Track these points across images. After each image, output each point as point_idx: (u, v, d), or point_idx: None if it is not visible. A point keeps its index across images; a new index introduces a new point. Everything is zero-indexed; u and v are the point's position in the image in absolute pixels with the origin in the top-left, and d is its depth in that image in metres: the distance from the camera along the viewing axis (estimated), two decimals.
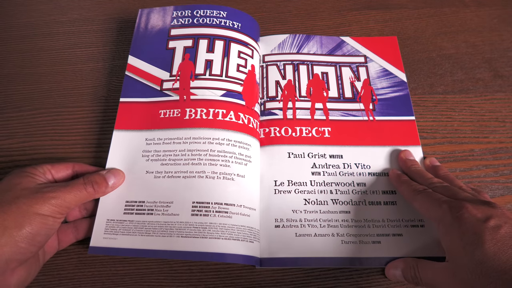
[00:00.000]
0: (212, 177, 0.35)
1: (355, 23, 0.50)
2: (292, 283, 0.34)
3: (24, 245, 0.27)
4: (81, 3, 0.51)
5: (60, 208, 0.29)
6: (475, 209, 0.28)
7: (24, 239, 0.27)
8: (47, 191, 0.29)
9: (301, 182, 0.37)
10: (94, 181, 0.32)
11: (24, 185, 0.29)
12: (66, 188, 0.30)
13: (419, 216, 0.36)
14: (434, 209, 0.30)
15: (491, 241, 0.26)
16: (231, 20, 0.43)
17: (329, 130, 0.40)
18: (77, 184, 0.31)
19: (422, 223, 0.36)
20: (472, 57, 0.48)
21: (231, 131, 0.37)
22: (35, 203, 0.28)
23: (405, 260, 0.33)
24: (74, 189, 0.30)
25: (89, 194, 0.32)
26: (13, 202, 0.28)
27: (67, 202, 0.30)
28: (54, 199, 0.29)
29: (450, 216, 0.29)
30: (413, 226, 0.35)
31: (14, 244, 0.27)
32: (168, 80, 0.40)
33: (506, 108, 0.44)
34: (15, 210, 0.27)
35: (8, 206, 0.28)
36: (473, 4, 0.53)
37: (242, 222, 0.34)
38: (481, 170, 0.40)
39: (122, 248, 0.33)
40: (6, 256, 0.26)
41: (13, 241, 0.27)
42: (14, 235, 0.27)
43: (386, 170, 0.38)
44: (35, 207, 0.28)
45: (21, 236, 0.27)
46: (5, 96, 0.43)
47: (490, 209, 0.28)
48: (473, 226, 0.27)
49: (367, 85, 0.44)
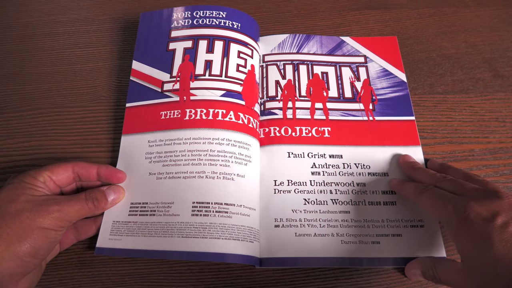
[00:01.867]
0: (212, 177, 0.35)
1: (355, 23, 0.50)
2: (292, 283, 0.34)
3: (28, 259, 0.28)
4: (81, 3, 0.51)
5: (62, 221, 0.29)
6: (480, 207, 0.27)
7: (28, 253, 0.27)
8: (50, 203, 0.29)
9: (300, 182, 0.37)
10: (95, 198, 0.32)
11: (27, 197, 0.29)
12: (69, 202, 0.30)
13: (419, 216, 0.36)
14: (439, 210, 0.30)
15: (500, 242, 0.25)
16: (230, 20, 0.43)
17: (329, 130, 0.40)
18: (79, 200, 0.31)
19: (422, 223, 0.36)
20: (472, 57, 0.48)
21: (231, 131, 0.37)
22: (38, 217, 0.28)
23: (422, 261, 0.32)
24: (77, 204, 0.31)
25: (90, 209, 0.32)
26: (16, 215, 0.28)
27: (69, 216, 0.30)
28: (56, 212, 0.29)
29: (456, 218, 0.28)
30: (413, 226, 0.35)
31: (18, 258, 0.27)
32: (169, 82, 0.40)
33: (506, 108, 0.44)
34: (18, 224, 0.27)
35: (12, 220, 0.27)
36: (473, 4, 0.53)
37: (242, 222, 0.34)
38: (481, 170, 0.40)
39: (127, 249, 0.33)
40: (11, 270, 0.27)
41: (17, 256, 0.27)
42: (18, 250, 0.27)
43: (386, 170, 0.38)
44: (38, 220, 0.28)
45: (25, 251, 0.27)
46: (5, 96, 0.43)
47: (496, 203, 0.27)
48: (480, 227, 0.27)
49: (367, 85, 0.44)
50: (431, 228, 0.35)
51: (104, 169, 0.34)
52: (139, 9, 0.50)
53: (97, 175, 0.34)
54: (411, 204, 0.36)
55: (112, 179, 0.35)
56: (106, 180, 0.35)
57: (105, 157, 0.39)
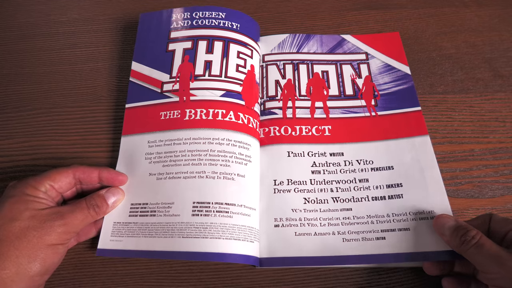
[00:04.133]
0: (212, 177, 0.35)
1: (355, 23, 0.50)
2: (292, 283, 0.34)
3: (38, 278, 0.28)
4: (80, 3, 0.51)
5: (69, 234, 0.30)
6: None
7: (38, 273, 0.28)
8: (55, 218, 0.29)
9: (300, 181, 0.37)
10: (96, 205, 0.32)
11: (31, 212, 0.29)
12: (72, 214, 0.30)
13: (429, 207, 0.35)
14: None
15: None
16: (230, 21, 0.43)
17: (329, 128, 0.40)
18: (82, 209, 0.31)
19: (433, 215, 0.34)
20: (472, 57, 0.48)
21: (231, 131, 0.37)
22: (45, 234, 0.28)
23: (458, 222, 0.31)
24: (80, 214, 0.31)
25: (92, 217, 0.32)
26: (23, 235, 0.27)
27: (74, 227, 0.30)
28: (62, 227, 0.29)
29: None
30: (422, 219, 0.34)
31: (29, 279, 0.27)
32: (168, 82, 0.40)
33: (506, 108, 0.44)
34: (26, 245, 0.27)
35: (18, 240, 0.27)
36: (473, 4, 0.53)
37: (242, 222, 0.34)
38: (481, 170, 0.40)
39: (128, 250, 0.33)
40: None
41: (28, 277, 0.27)
42: (29, 271, 0.27)
43: (391, 164, 0.38)
44: (46, 238, 0.28)
45: (35, 271, 0.27)
46: (4, 96, 0.43)
47: None
48: None
49: (368, 82, 0.43)
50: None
51: (106, 173, 0.34)
52: (139, 9, 0.50)
53: (98, 179, 0.34)
54: (420, 195, 0.35)
55: (114, 183, 0.35)
56: (107, 184, 0.35)
57: (104, 157, 0.39)
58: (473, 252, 0.29)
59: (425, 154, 0.38)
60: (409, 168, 0.37)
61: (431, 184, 0.36)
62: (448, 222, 0.32)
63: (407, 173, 0.37)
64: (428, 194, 0.36)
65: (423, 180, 0.37)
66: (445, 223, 0.32)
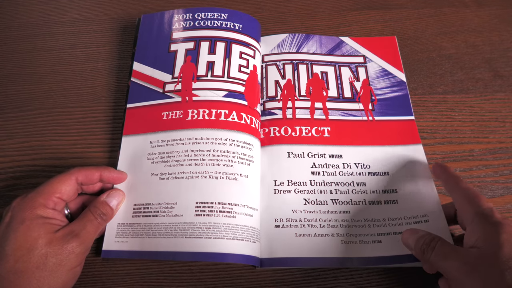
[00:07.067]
0: (215, 177, 0.35)
1: (355, 23, 0.50)
2: (292, 283, 0.34)
3: None
4: (81, 3, 0.51)
5: (86, 250, 0.30)
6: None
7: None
8: (70, 240, 0.29)
9: (300, 182, 0.37)
10: (102, 213, 0.32)
11: (46, 238, 0.28)
12: (85, 229, 0.30)
13: (422, 212, 0.35)
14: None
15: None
16: (232, 21, 0.43)
17: (328, 129, 0.40)
18: (91, 221, 0.31)
19: (426, 218, 0.35)
20: (472, 57, 0.48)
21: (234, 131, 0.37)
22: (65, 259, 0.28)
23: (420, 233, 0.31)
24: (91, 227, 0.31)
25: (102, 225, 0.32)
26: (42, 265, 0.27)
27: (89, 242, 0.31)
28: (79, 247, 0.29)
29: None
30: (416, 223, 0.35)
31: None
32: (170, 82, 0.40)
33: (506, 108, 0.44)
34: (48, 274, 0.27)
35: (39, 271, 0.27)
36: (473, 4, 0.53)
37: (245, 222, 0.34)
38: (481, 170, 0.40)
39: (133, 251, 0.33)
40: None
41: None
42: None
43: (386, 170, 0.38)
44: (65, 264, 0.28)
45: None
46: (5, 96, 0.43)
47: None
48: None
49: (366, 85, 0.44)
50: (437, 222, 0.35)
51: (107, 174, 0.34)
52: (139, 9, 0.50)
53: (99, 179, 0.34)
54: (413, 201, 0.36)
55: (115, 182, 0.35)
56: (108, 183, 0.35)
57: (104, 157, 0.39)
58: (434, 260, 0.29)
59: (418, 162, 0.39)
60: (403, 175, 0.38)
61: (425, 191, 0.37)
62: (411, 235, 0.32)
63: (402, 179, 0.38)
64: (422, 200, 0.36)
65: (417, 188, 0.37)
66: (408, 237, 0.32)
